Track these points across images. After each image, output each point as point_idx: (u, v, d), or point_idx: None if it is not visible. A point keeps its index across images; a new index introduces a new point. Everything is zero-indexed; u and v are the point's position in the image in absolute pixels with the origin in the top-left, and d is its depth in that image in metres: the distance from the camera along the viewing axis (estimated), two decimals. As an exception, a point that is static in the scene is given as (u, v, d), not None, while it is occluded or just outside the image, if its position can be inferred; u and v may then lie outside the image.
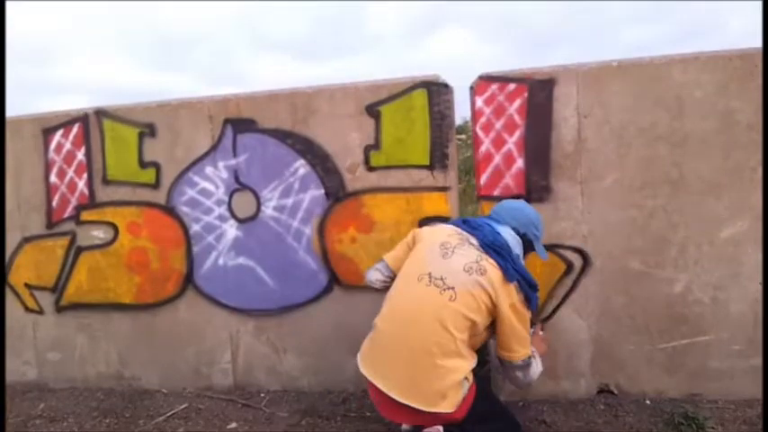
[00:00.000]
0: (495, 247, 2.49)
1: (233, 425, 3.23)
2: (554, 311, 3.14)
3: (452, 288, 2.43)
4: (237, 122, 3.41)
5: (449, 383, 2.38)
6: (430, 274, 2.48)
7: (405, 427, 2.72)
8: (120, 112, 3.57)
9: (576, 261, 3.09)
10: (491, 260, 2.46)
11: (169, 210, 3.54)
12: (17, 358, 3.95)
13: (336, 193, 3.32)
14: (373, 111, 3.23)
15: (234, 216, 3.47)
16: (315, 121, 3.32)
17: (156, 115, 3.53)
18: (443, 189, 3.18)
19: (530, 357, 2.55)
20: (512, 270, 2.45)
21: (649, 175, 2.99)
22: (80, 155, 3.65)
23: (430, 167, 3.18)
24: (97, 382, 3.79)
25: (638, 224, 3.03)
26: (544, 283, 3.10)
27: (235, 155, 3.42)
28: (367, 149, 3.26)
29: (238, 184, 3.44)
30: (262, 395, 3.50)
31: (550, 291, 3.12)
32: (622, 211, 3.03)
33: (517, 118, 3.05)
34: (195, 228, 3.52)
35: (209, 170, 3.47)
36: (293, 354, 3.50)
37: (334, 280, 3.38)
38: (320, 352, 3.46)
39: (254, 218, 3.44)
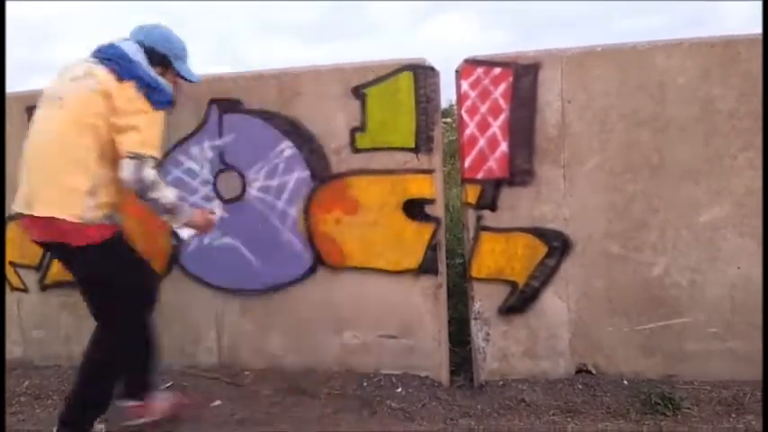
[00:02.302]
0: (106, 56, 2.59)
1: (217, 402, 3.27)
2: (535, 293, 3.18)
3: (61, 98, 2.56)
4: (224, 102, 3.40)
5: (65, 192, 2.51)
6: (44, 100, 2.66)
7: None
8: (105, 90, 3.55)
9: (557, 244, 3.13)
10: (101, 66, 2.56)
11: (155, 189, 3.52)
12: (2, 336, 3.97)
13: (321, 174, 3.33)
14: (359, 93, 3.23)
15: (219, 196, 3.48)
16: (301, 102, 3.32)
17: (141, 94, 3.51)
18: (428, 172, 3.20)
19: (140, 154, 2.50)
20: (125, 70, 2.54)
21: (630, 159, 3.03)
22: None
23: (415, 150, 3.19)
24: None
25: (618, 208, 3.07)
26: (525, 266, 3.16)
27: (221, 135, 3.42)
28: (353, 131, 3.26)
29: (224, 165, 3.45)
30: (246, 373, 3.53)
31: (531, 273, 3.17)
32: (603, 194, 3.07)
33: (502, 102, 3.07)
34: (181, 207, 3.52)
35: (194, 150, 3.47)
36: (277, 333, 3.53)
37: (318, 261, 3.40)
38: (304, 331, 3.49)
39: (239, 198, 3.45)
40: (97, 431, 2.85)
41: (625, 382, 3.16)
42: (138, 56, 2.63)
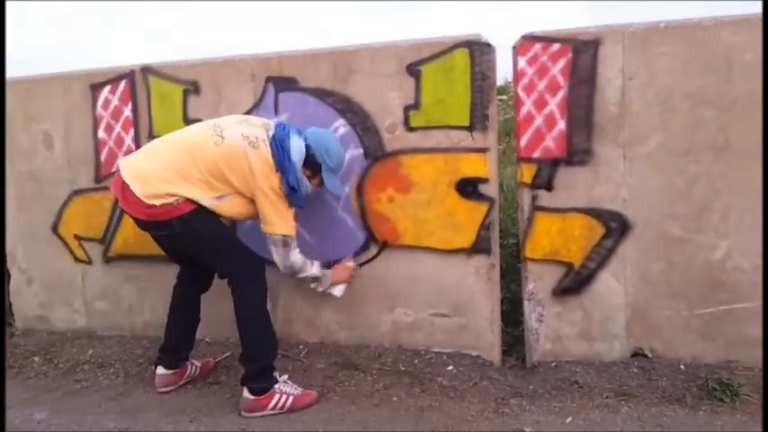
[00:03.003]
0: (278, 142, 2.85)
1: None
2: (591, 275, 3.14)
3: (223, 138, 2.82)
4: (279, 81, 3.44)
5: (164, 192, 2.75)
6: (215, 122, 2.94)
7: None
8: (165, 69, 3.63)
9: (616, 225, 3.07)
10: (269, 147, 2.84)
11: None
12: (67, 307, 4.13)
13: (375, 152, 3.34)
14: (414, 70, 3.21)
15: (275, 173, 3.52)
16: (355, 80, 3.32)
17: (200, 73, 3.58)
18: (483, 150, 3.17)
19: (289, 237, 2.93)
20: (281, 164, 2.82)
21: (694, 140, 2.94)
22: (127, 111, 3.73)
23: (470, 128, 3.16)
24: (143, 331, 3.95)
25: (679, 190, 2.99)
26: (581, 247, 3.12)
27: (276, 113, 3.46)
28: (407, 109, 3.25)
29: (279, 143, 3.48)
30: (300, 347, 3.60)
31: (588, 254, 3.12)
32: (664, 175, 2.99)
33: (560, 79, 3.01)
34: (237, 184, 3.58)
35: (251, 128, 3.51)
36: (330, 308, 3.58)
37: (371, 238, 3.43)
38: (357, 307, 3.53)
39: (294, 176, 3.48)
40: (280, 380, 3.07)
41: (682, 366, 3.09)
42: (297, 157, 2.89)
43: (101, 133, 3.82)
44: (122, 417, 3.02)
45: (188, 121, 3.58)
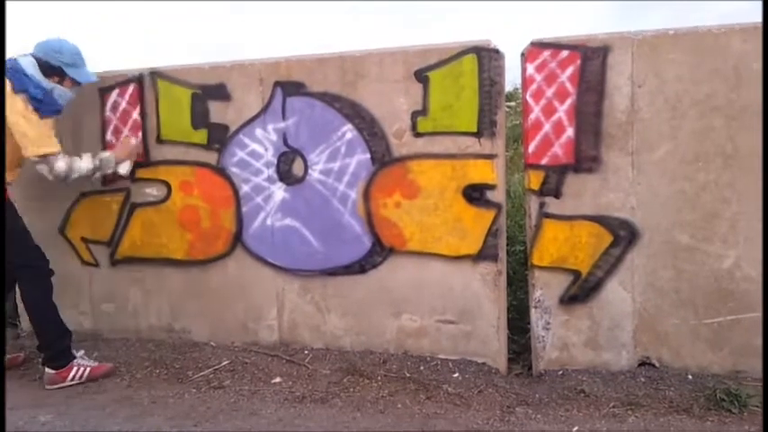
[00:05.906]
0: (10, 71, 3.12)
1: (277, 379, 3.34)
2: (599, 283, 3.12)
3: None
4: (287, 85, 3.45)
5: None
6: None
7: None
8: (174, 72, 3.64)
9: (624, 233, 3.06)
10: (5, 78, 3.08)
11: (220, 170, 3.62)
12: (74, 309, 4.13)
13: (382, 158, 3.34)
14: (422, 76, 3.21)
15: (282, 178, 3.53)
16: (363, 85, 3.33)
17: (208, 77, 3.59)
18: (490, 156, 3.16)
19: (49, 155, 3.21)
20: (19, 83, 3.09)
21: (702, 147, 2.93)
22: (135, 114, 3.74)
23: (477, 134, 3.16)
24: (149, 334, 3.94)
25: (688, 198, 2.97)
26: (589, 254, 3.10)
27: (284, 117, 3.47)
28: (414, 115, 3.26)
29: (287, 147, 3.49)
30: (305, 352, 3.59)
31: (596, 262, 3.10)
32: (673, 183, 2.98)
33: (569, 86, 3.00)
34: (244, 188, 3.60)
35: (258, 132, 3.53)
36: (336, 314, 3.58)
37: (377, 244, 3.42)
38: (362, 313, 3.53)
39: (301, 180, 3.50)
40: (78, 356, 3.49)
41: (689, 376, 3.07)
42: (31, 69, 3.15)
43: (109, 136, 3.83)
44: (127, 420, 3.01)
45: (195, 124, 3.59)
